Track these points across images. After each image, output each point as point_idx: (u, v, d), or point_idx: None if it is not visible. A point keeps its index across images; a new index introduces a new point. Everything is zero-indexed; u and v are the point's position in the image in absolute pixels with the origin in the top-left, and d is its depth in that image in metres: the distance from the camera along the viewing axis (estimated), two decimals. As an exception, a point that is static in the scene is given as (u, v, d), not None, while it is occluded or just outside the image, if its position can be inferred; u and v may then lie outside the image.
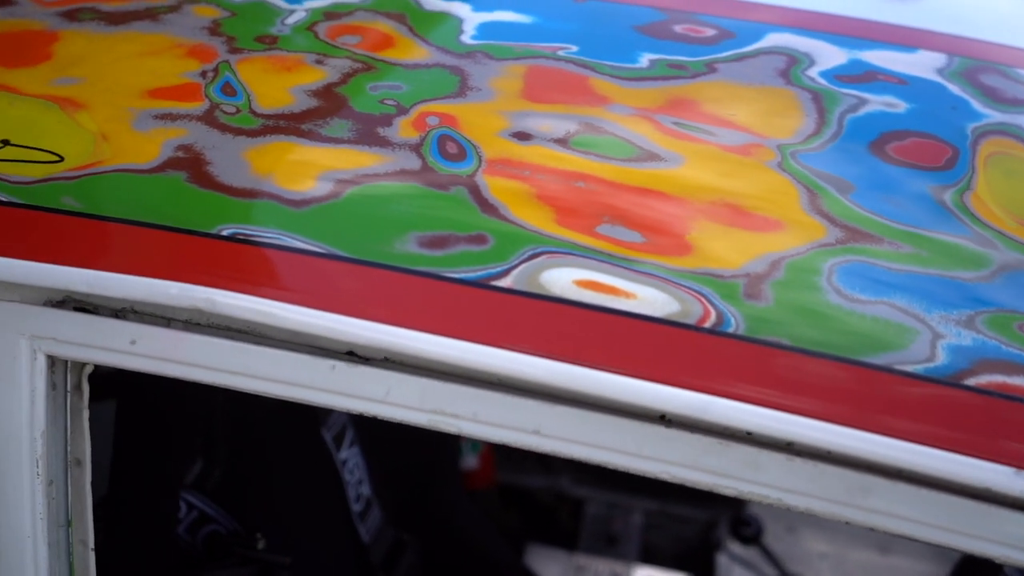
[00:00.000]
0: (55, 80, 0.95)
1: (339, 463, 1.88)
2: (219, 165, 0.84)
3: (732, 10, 1.20)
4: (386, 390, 0.75)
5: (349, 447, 1.91)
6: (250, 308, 0.75)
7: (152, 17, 1.09)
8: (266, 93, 0.93)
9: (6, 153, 0.87)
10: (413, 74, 0.98)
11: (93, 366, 0.88)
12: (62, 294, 0.85)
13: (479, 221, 0.79)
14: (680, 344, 0.74)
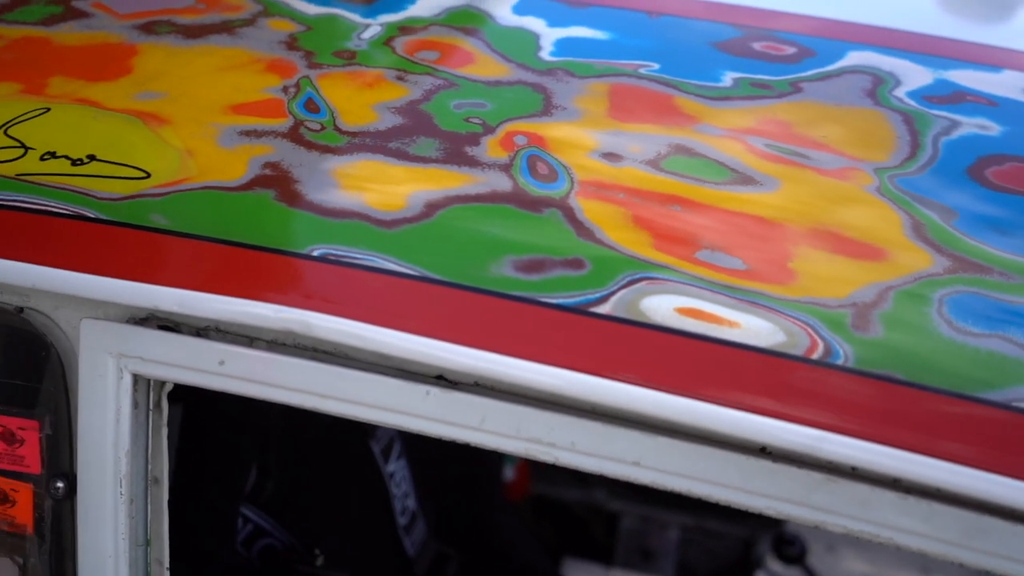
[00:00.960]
0: (137, 95, 0.95)
1: (386, 476, 1.87)
2: (307, 183, 0.83)
3: (809, 27, 1.18)
4: (481, 417, 0.74)
5: (396, 460, 1.90)
6: (344, 331, 0.73)
7: (229, 31, 1.08)
8: (349, 110, 0.92)
9: (92, 168, 0.86)
10: (495, 91, 0.97)
11: (173, 384, 0.87)
12: (146, 312, 0.84)
13: (575, 245, 0.78)
14: (786, 375, 0.71)
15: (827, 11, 1.24)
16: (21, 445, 0.90)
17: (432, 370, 0.78)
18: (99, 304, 0.85)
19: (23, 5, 1.16)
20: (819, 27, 1.18)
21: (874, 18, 1.22)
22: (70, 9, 1.14)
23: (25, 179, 0.87)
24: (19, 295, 0.87)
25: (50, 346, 0.87)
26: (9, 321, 0.88)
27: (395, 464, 1.90)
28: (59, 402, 0.88)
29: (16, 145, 0.89)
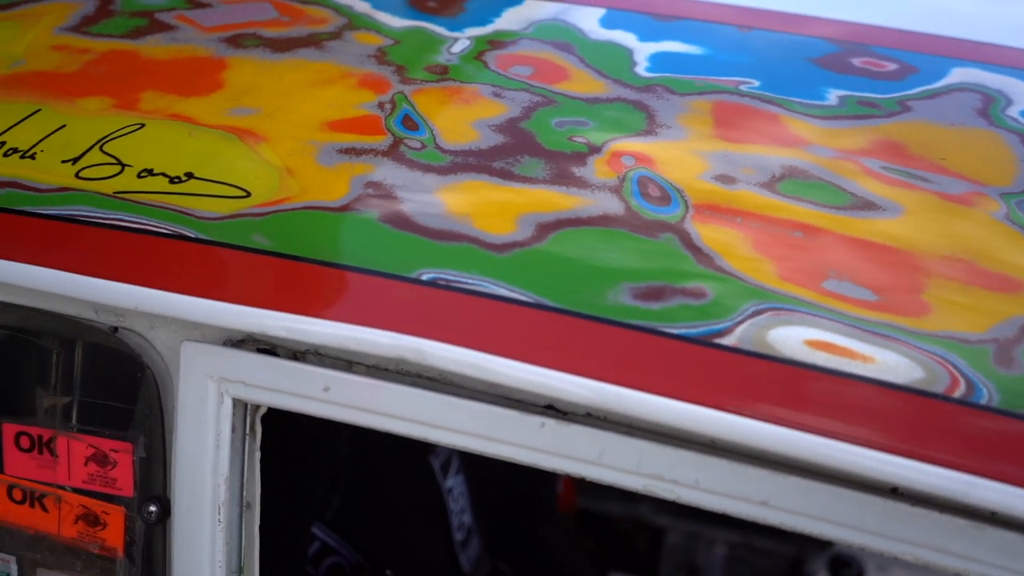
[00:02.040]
0: (231, 110, 0.93)
1: (445, 491, 1.85)
2: (412, 204, 0.81)
3: (907, 42, 1.14)
4: (599, 451, 0.71)
5: (455, 475, 1.88)
6: (460, 360, 0.71)
7: (316, 44, 1.06)
8: (449, 127, 0.90)
9: (191, 187, 0.85)
10: (596, 109, 0.94)
11: (267, 407, 0.85)
12: (243, 334, 0.82)
13: (695, 272, 0.75)
14: (925, 414, 0.68)
15: (922, 25, 1.21)
16: (114, 467, 0.88)
17: (541, 399, 0.75)
18: (196, 326, 0.83)
19: (107, 18, 1.15)
20: (917, 42, 1.14)
21: (971, 33, 1.18)
22: (155, 22, 1.13)
23: (123, 197, 0.85)
24: (114, 315, 0.86)
25: (145, 367, 0.85)
26: (103, 341, 0.87)
27: (453, 479, 1.88)
28: (153, 424, 0.86)
29: (112, 162, 0.88)
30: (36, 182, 0.87)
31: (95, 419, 0.87)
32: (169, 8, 1.16)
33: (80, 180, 0.87)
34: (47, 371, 0.89)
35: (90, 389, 0.88)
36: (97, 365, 0.88)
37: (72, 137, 0.91)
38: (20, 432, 0.90)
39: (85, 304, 0.86)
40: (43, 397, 0.90)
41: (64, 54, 1.05)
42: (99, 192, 0.86)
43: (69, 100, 0.96)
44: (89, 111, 0.94)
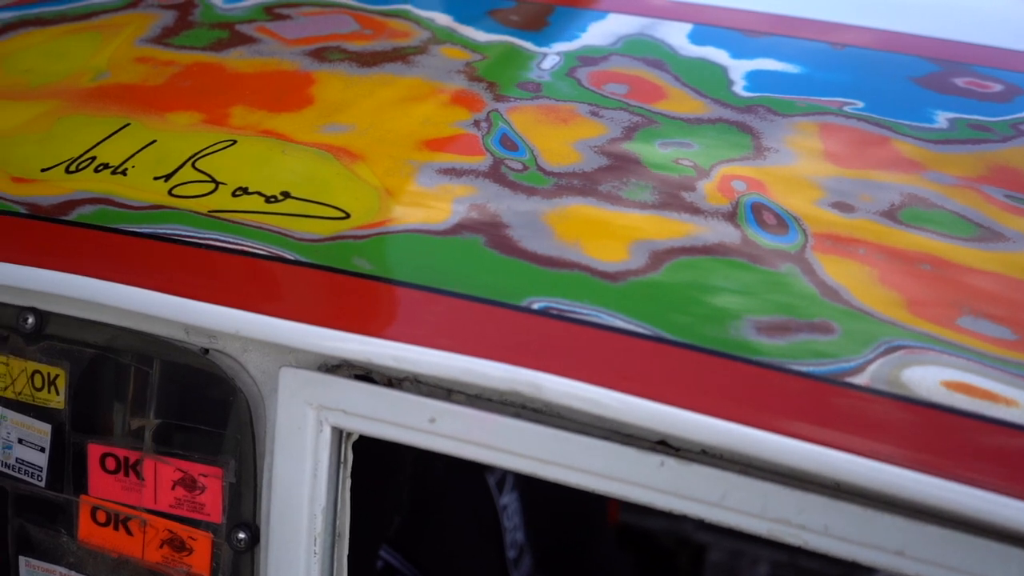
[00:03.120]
0: (324, 127, 0.91)
1: (500, 509, 1.82)
2: (519, 229, 0.78)
3: (1008, 61, 1.10)
4: (722, 493, 0.68)
5: (510, 492, 1.86)
6: (577, 395, 0.68)
7: (402, 59, 1.04)
8: (549, 148, 0.87)
9: (287, 207, 0.82)
10: (699, 130, 0.91)
11: (359, 435, 0.83)
12: (339, 359, 0.80)
13: (821, 306, 0.72)
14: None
15: (1016, 43, 1.17)
16: (202, 492, 0.86)
17: (653, 434, 0.72)
18: (291, 350, 0.81)
19: (187, 29, 1.13)
20: (1018, 61, 1.11)
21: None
22: (236, 34, 1.11)
23: (218, 216, 0.83)
24: (206, 336, 0.84)
25: (236, 390, 0.83)
26: (193, 362, 0.85)
27: (508, 497, 1.85)
28: (244, 449, 0.84)
29: (206, 179, 0.86)
30: (129, 199, 0.85)
31: (184, 442, 0.85)
32: (249, 20, 1.15)
33: (173, 198, 0.85)
34: (135, 392, 0.87)
35: (179, 411, 0.86)
36: (187, 387, 0.86)
37: (163, 153, 0.89)
38: (106, 453, 0.88)
39: (176, 325, 0.84)
40: (130, 418, 0.88)
41: (148, 66, 1.04)
42: (193, 211, 0.84)
43: (158, 115, 0.94)
44: (179, 126, 0.93)
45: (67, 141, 0.92)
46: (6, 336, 0.90)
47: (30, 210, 0.87)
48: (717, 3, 1.23)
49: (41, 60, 1.06)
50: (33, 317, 0.89)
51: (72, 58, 1.06)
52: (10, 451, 0.93)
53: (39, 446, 0.92)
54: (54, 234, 0.86)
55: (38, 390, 0.90)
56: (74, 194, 0.87)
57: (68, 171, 0.89)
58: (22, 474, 0.91)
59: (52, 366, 0.90)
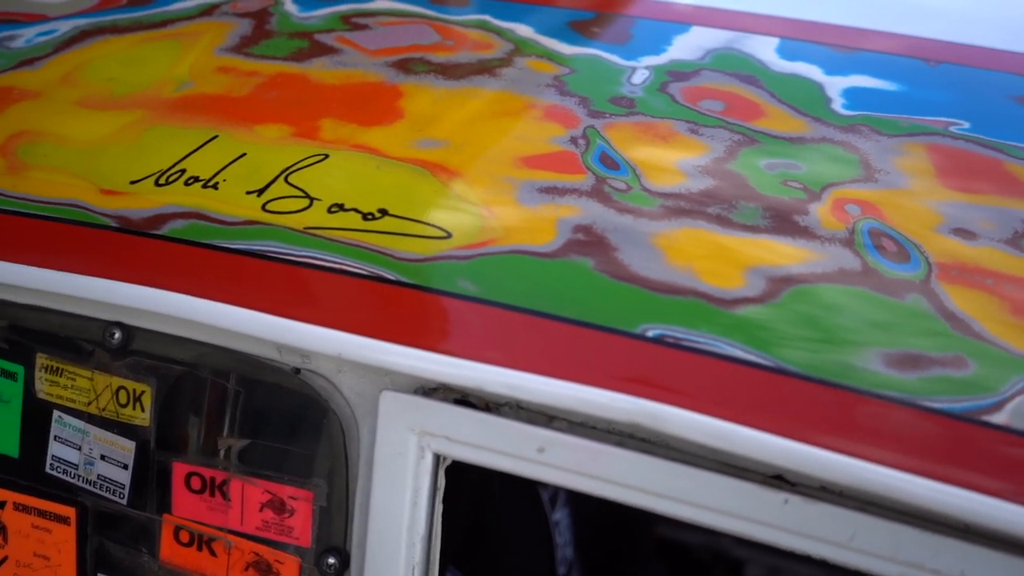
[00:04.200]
0: (417, 142, 0.89)
1: (553, 524, 1.80)
2: (628, 252, 0.76)
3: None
4: (851, 534, 0.65)
5: (562, 508, 1.83)
6: (700, 428, 0.66)
7: (488, 71, 1.02)
8: (651, 167, 0.85)
9: (386, 224, 0.80)
10: (803, 150, 0.88)
11: (452, 460, 0.80)
12: (437, 383, 0.78)
13: (952, 340, 0.69)
14: None
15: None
16: (291, 515, 0.84)
17: (768, 468, 0.69)
18: (387, 372, 0.79)
19: (266, 39, 1.12)
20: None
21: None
22: (316, 44, 1.09)
23: (314, 233, 0.81)
24: (299, 356, 0.82)
25: (329, 412, 0.81)
26: (284, 382, 0.83)
27: (560, 512, 1.83)
28: (337, 472, 0.82)
29: (300, 194, 0.84)
30: (221, 214, 0.84)
31: (273, 463, 0.83)
32: (328, 29, 1.13)
33: (267, 213, 0.83)
34: (223, 411, 0.85)
35: (268, 432, 0.84)
36: (277, 407, 0.84)
37: (254, 166, 0.88)
38: (191, 472, 0.86)
39: (268, 343, 0.82)
40: (218, 437, 0.87)
41: (231, 77, 1.02)
42: (288, 227, 0.82)
43: (246, 127, 0.92)
44: (268, 139, 0.91)
45: (155, 153, 0.91)
46: (91, 351, 0.89)
47: (120, 223, 0.85)
48: (798, 15, 1.21)
49: (122, 69, 1.05)
50: (119, 332, 0.87)
51: (153, 67, 1.05)
52: (92, 467, 0.92)
53: (122, 463, 0.91)
54: (144, 248, 0.85)
55: (123, 406, 0.89)
56: (164, 208, 0.86)
57: (158, 184, 0.87)
58: (104, 491, 0.90)
59: (138, 382, 0.88)
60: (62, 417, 0.91)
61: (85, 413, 0.89)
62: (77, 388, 0.90)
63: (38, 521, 0.93)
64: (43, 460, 0.91)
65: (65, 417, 0.90)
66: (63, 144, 0.94)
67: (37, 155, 0.92)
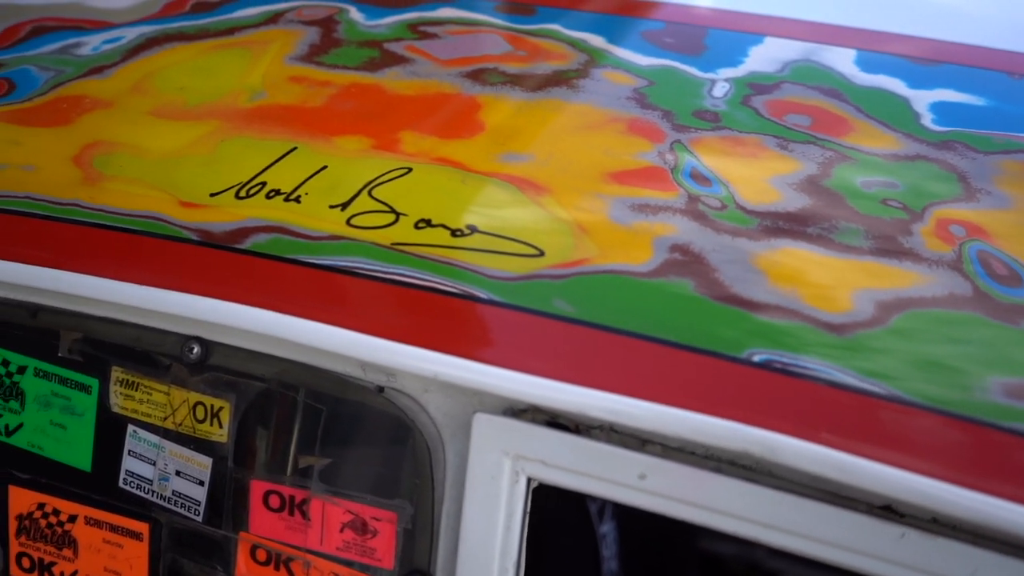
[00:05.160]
0: (501, 156, 0.87)
1: (600, 537, 1.78)
2: (729, 273, 0.74)
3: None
4: (972, 570, 0.63)
5: (609, 520, 1.81)
6: (815, 459, 0.64)
7: (566, 83, 1.00)
8: (744, 184, 0.83)
9: (475, 241, 0.79)
10: (899, 168, 0.86)
11: (544, 483, 0.78)
12: (526, 404, 0.76)
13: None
14: None
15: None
16: (373, 536, 0.83)
17: (878, 499, 0.67)
18: (475, 392, 0.77)
19: (335, 47, 1.10)
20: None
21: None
22: (387, 53, 1.08)
23: (401, 249, 0.80)
24: (384, 374, 0.81)
25: (414, 432, 0.79)
26: (368, 400, 0.81)
27: (607, 525, 1.81)
28: (422, 494, 0.80)
29: (385, 209, 0.82)
30: (305, 228, 0.82)
31: (355, 483, 0.82)
32: (397, 38, 1.12)
33: (352, 228, 0.81)
34: (304, 428, 0.84)
35: (351, 451, 0.82)
36: (360, 426, 0.82)
37: (336, 180, 0.86)
38: (270, 491, 0.85)
39: (352, 361, 0.81)
40: (298, 456, 0.85)
41: (304, 86, 1.01)
42: (375, 243, 0.80)
43: (324, 138, 0.91)
44: (348, 151, 0.89)
45: (233, 165, 0.90)
46: (168, 365, 0.87)
47: (201, 237, 0.84)
48: (871, 26, 1.19)
49: (193, 78, 1.03)
50: (198, 347, 0.86)
51: (224, 76, 1.04)
52: (167, 483, 0.91)
53: (198, 479, 0.89)
54: (225, 262, 0.83)
55: (200, 422, 0.87)
56: (246, 221, 0.84)
57: (238, 196, 0.86)
58: (178, 507, 0.89)
59: (216, 398, 0.87)
60: (137, 431, 0.89)
61: (161, 428, 0.88)
62: (153, 402, 0.89)
63: (110, 536, 0.92)
64: (116, 474, 0.90)
65: (140, 431, 0.89)
66: (139, 155, 0.93)
67: (113, 166, 0.92)
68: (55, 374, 0.91)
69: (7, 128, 0.99)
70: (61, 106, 1.00)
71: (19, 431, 0.92)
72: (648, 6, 1.21)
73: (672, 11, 1.20)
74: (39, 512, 0.96)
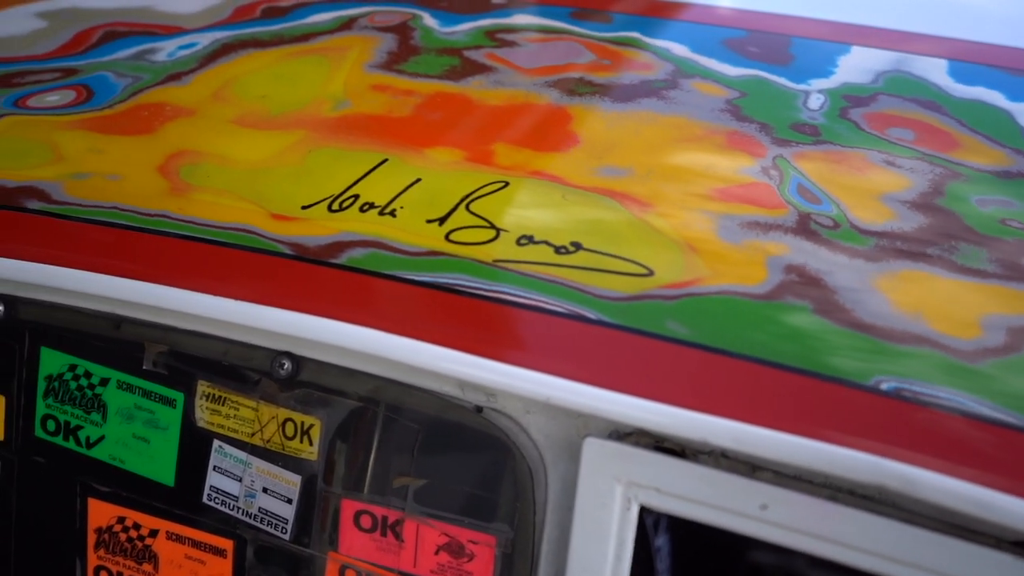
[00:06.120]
0: (599, 170, 0.85)
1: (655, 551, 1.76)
2: (849, 295, 0.71)
3: None
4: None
5: (664, 533, 1.79)
6: (957, 494, 0.61)
7: (656, 94, 0.98)
8: (855, 201, 0.80)
9: (580, 259, 0.77)
10: (1013, 186, 0.83)
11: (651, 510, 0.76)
12: (631, 428, 0.74)
13: None
14: None
15: None
16: (470, 560, 0.81)
17: (1011, 534, 0.65)
18: (579, 415, 0.75)
19: (414, 55, 1.09)
20: None
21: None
22: (468, 61, 1.06)
23: (504, 266, 0.78)
24: (483, 394, 0.79)
25: (514, 454, 0.77)
26: (465, 420, 0.80)
27: (662, 538, 1.79)
28: (523, 518, 0.78)
29: (484, 224, 0.81)
30: (402, 243, 0.80)
31: (451, 505, 0.80)
32: (476, 46, 1.10)
33: (452, 244, 0.80)
34: (398, 448, 0.82)
35: (447, 472, 0.80)
36: (457, 446, 0.80)
37: (431, 193, 0.84)
38: (361, 511, 0.83)
39: (450, 379, 0.79)
40: (392, 475, 0.83)
41: (388, 95, 0.99)
42: (476, 259, 0.78)
43: (415, 150, 0.89)
44: (441, 163, 0.88)
45: (323, 176, 0.88)
46: (257, 380, 0.86)
47: (295, 251, 0.82)
48: (958, 35, 1.16)
49: (274, 85, 1.02)
50: (289, 363, 0.85)
51: (305, 84, 1.02)
52: (252, 500, 0.89)
53: (286, 497, 0.88)
54: (320, 277, 0.82)
55: (289, 439, 0.86)
56: (341, 235, 0.82)
57: (331, 209, 0.84)
58: (265, 524, 0.87)
59: (306, 415, 0.85)
60: (223, 447, 0.88)
61: (248, 444, 0.86)
62: (240, 418, 0.87)
63: (192, 552, 0.91)
64: (200, 490, 0.89)
65: (226, 447, 0.88)
66: (226, 165, 0.91)
67: (200, 176, 0.90)
68: (139, 387, 0.89)
69: (89, 136, 0.98)
70: (142, 114, 0.99)
71: (100, 443, 0.91)
72: (727, 14, 1.19)
73: (752, 19, 1.18)
74: (119, 526, 0.95)
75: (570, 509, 0.77)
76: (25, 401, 0.94)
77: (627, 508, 0.70)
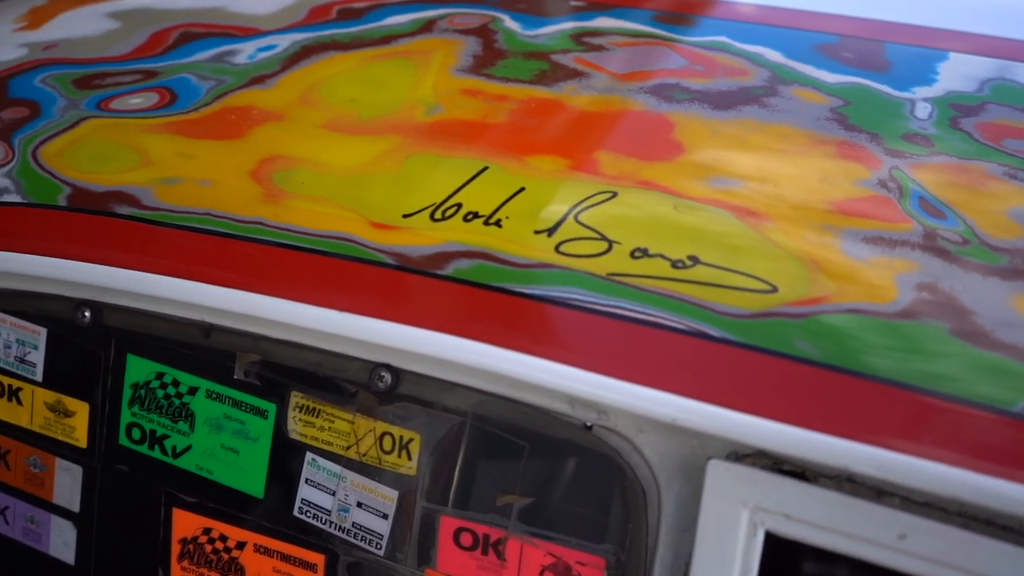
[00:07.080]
0: (710, 180, 0.82)
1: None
2: (987, 316, 0.68)
3: None
4: None
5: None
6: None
7: (756, 101, 0.95)
8: (982, 216, 0.77)
9: (699, 274, 0.74)
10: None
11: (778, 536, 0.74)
12: (753, 448, 0.72)
13: None
14: None
15: None
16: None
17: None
18: (696, 434, 0.73)
19: (500, 59, 1.06)
20: None
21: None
22: (557, 66, 1.04)
23: (619, 280, 0.75)
24: (594, 411, 0.77)
25: (625, 473, 0.75)
26: (574, 437, 0.77)
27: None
28: (635, 539, 0.76)
29: (595, 236, 0.78)
30: (510, 255, 0.78)
31: (558, 525, 0.77)
32: (563, 49, 1.07)
33: (563, 256, 0.77)
34: (502, 464, 0.80)
35: (554, 491, 0.78)
36: (565, 464, 0.78)
37: (537, 203, 0.82)
38: (461, 528, 0.81)
39: (560, 395, 0.76)
40: (495, 493, 0.81)
41: (480, 100, 0.97)
42: (589, 272, 0.76)
43: (516, 158, 0.87)
44: (544, 172, 0.85)
45: (423, 184, 0.86)
46: (354, 392, 0.84)
47: (398, 261, 0.80)
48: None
49: (361, 89, 1.00)
50: (389, 375, 0.83)
51: (393, 88, 1.00)
52: (346, 514, 0.87)
53: (382, 512, 0.86)
54: (424, 288, 0.79)
55: (386, 453, 0.84)
56: (445, 245, 0.80)
57: (433, 218, 0.82)
58: (358, 539, 0.85)
59: (406, 429, 0.83)
60: (316, 460, 0.86)
61: (343, 457, 0.84)
62: (335, 430, 0.85)
63: (281, 566, 0.89)
64: (291, 503, 0.87)
65: (319, 460, 0.86)
66: (320, 171, 0.89)
67: (294, 182, 0.88)
68: (229, 396, 0.88)
69: (176, 140, 0.96)
70: (229, 117, 0.97)
71: (187, 453, 0.89)
72: (815, 17, 1.16)
73: (842, 23, 1.15)
74: (204, 537, 0.93)
75: (685, 531, 0.75)
76: (109, 409, 0.93)
77: (753, 534, 0.68)
